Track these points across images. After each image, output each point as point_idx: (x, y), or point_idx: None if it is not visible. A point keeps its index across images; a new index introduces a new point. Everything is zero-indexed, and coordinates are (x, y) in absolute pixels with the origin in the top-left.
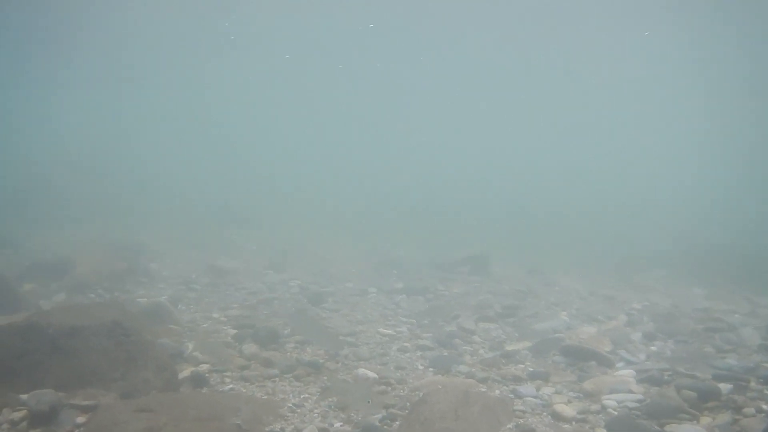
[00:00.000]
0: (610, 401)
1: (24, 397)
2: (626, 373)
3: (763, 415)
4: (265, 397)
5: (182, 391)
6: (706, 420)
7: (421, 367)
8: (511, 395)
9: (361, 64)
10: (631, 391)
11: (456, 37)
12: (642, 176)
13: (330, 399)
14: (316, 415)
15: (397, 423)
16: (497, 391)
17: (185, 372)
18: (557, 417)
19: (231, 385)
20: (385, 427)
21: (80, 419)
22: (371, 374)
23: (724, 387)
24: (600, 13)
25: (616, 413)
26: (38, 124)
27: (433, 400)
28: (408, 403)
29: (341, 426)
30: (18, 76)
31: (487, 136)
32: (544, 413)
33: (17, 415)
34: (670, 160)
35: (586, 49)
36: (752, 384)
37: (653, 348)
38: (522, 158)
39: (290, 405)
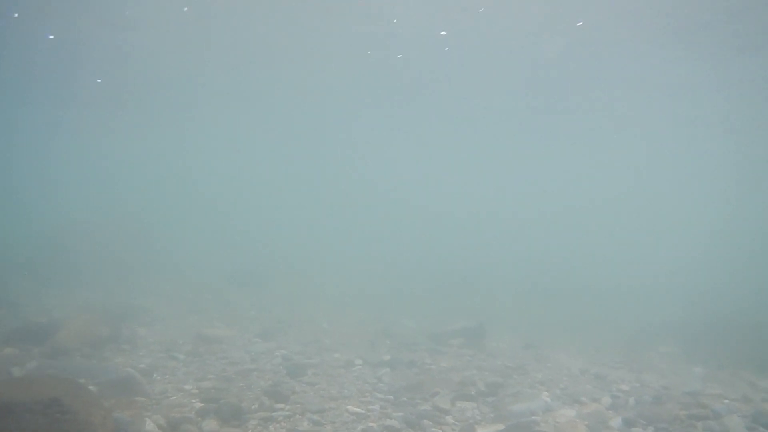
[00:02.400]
0: None
1: None
2: None
3: None
4: None
5: None
6: None
7: None
8: None
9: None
10: None
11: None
12: (655, 242)
13: None
14: None
15: None
16: None
17: None
18: None
19: None
20: None
21: None
22: None
23: None
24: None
25: None
26: (49, 187)
27: None
28: None
29: None
30: (25, 137)
31: (495, 202)
32: None
33: None
34: (686, 225)
35: (597, 113)
36: None
37: None
38: (533, 226)
39: None
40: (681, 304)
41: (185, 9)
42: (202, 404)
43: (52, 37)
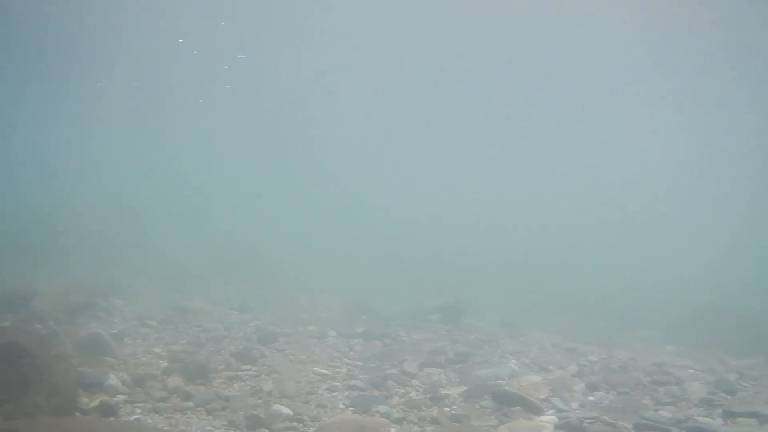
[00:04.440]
0: None
1: None
2: (547, 420)
3: None
4: (166, 428)
5: (72, 417)
6: None
7: (342, 406)
8: None
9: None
10: None
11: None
12: (648, 235)
13: None
14: None
15: None
16: None
17: (95, 401)
18: None
19: (139, 416)
20: None
21: None
22: (285, 410)
23: None
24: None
25: None
26: (43, 166)
27: None
28: None
29: None
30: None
31: (490, 187)
32: None
33: None
34: (678, 221)
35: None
36: None
37: (591, 398)
38: (530, 213)
39: None
40: (665, 295)
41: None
42: (168, 364)
43: None
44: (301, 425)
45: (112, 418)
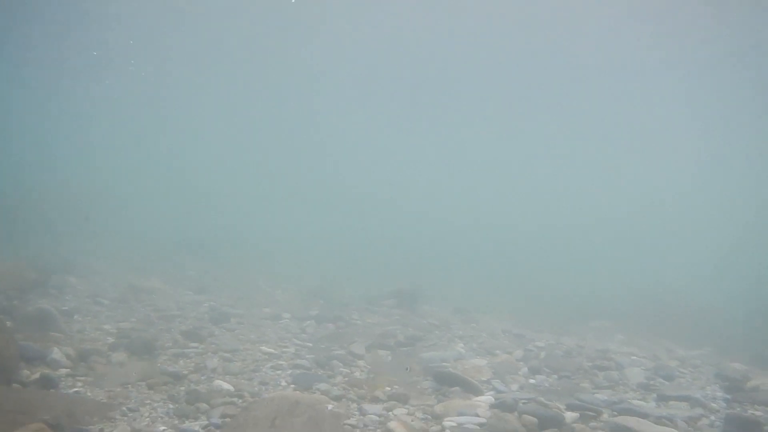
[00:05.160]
0: (451, 423)
1: None
2: (483, 399)
3: None
4: (105, 400)
5: (7, 387)
6: None
7: (284, 384)
8: (356, 412)
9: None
10: (477, 415)
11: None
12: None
13: (171, 406)
14: (146, 419)
15: (219, 430)
16: (344, 409)
17: (36, 374)
18: None
19: (79, 389)
20: None
21: None
22: (226, 386)
23: (570, 416)
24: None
25: None
26: (4, 144)
27: (255, 409)
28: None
29: (163, 430)
30: None
31: (468, 181)
32: (377, 430)
33: None
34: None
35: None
36: (604, 416)
37: (532, 381)
38: (503, 209)
39: (124, 409)
40: (623, 289)
41: None
42: (114, 339)
43: None
44: (240, 400)
45: (51, 390)
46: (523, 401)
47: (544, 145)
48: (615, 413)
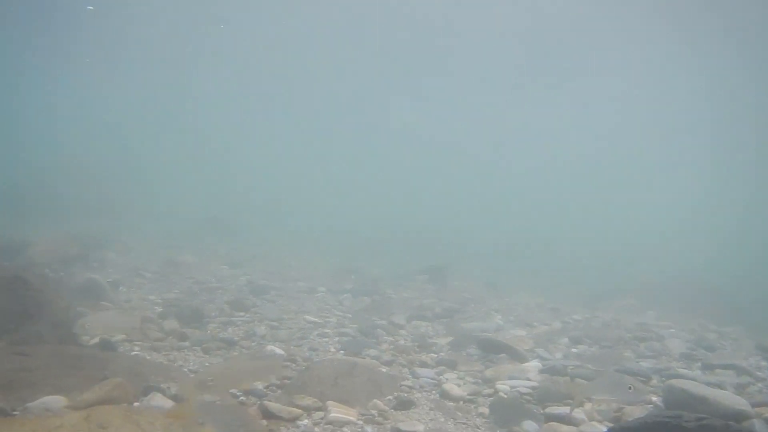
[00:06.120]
0: (503, 386)
1: None
2: (531, 365)
3: (651, 406)
4: (165, 363)
5: (76, 346)
6: (589, 406)
7: (333, 350)
8: (409, 376)
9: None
10: (528, 379)
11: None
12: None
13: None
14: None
15: (281, 390)
16: (397, 372)
17: (94, 339)
18: (445, 395)
19: (137, 353)
20: (268, 391)
21: None
22: (279, 351)
23: None
24: None
25: (505, 396)
26: (40, 125)
27: (317, 369)
28: None
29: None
30: (22, 77)
31: (485, 159)
32: (433, 391)
33: None
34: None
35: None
36: (653, 381)
37: (574, 350)
38: (523, 187)
39: (185, 370)
40: (645, 267)
41: None
42: (163, 309)
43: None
44: (293, 365)
45: (112, 353)
46: (570, 367)
47: (569, 118)
48: (664, 379)
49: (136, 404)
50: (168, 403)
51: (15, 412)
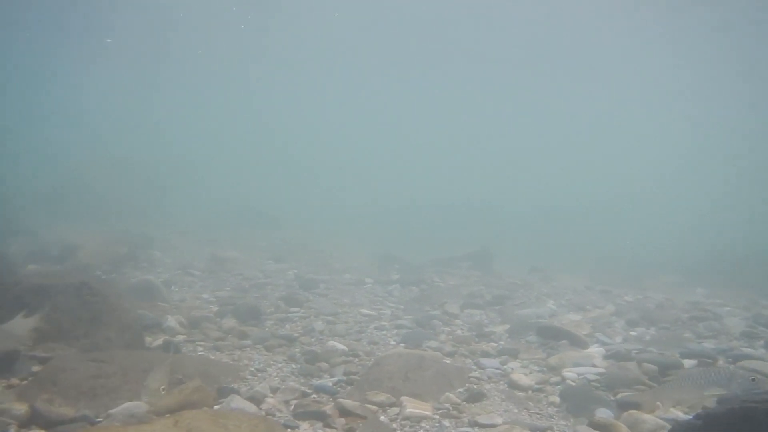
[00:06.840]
0: (570, 374)
1: None
2: (594, 351)
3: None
4: (231, 362)
5: (145, 351)
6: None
7: (393, 343)
8: (474, 366)
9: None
10: (594, 366)
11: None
12: (669, 187)
13: (293, 366)
14: (275, 378)
15: (351, 386)
16: (461, 364)
17: (159, 340)
18: (513, 385)
19: (201, 353)
20: (338, 388)
21: (36, 368)
22: (340, 346)
23: (688, 363)
24: None
25: (573, 384)
26: (75, 124)
27: (386, 364)
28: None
29: (296, 386)
30: (55, 77)
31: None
32: (501, 382)
33: None
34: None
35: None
36: (720, 362)
37: (633, 333)
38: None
39: (252, 369)
40: (684, 243)
41: None
42: (219, 307)
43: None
44: (357, 359)
45: (178, 354)
46: (635, 351)
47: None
48: (730, 359)
49: (216, 407)
50: (247, 405)
51: (98, 420)
